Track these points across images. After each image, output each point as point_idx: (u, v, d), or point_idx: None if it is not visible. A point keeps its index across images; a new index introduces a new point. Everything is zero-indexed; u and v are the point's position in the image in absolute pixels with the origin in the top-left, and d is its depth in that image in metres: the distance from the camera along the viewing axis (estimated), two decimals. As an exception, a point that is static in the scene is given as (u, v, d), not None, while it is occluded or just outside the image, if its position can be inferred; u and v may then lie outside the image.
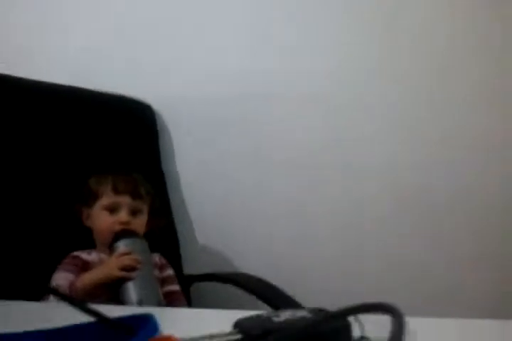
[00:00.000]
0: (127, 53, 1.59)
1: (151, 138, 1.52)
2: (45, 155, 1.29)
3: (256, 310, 0.48)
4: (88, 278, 1.07)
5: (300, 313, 0.45)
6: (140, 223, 1.21)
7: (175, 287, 1.24)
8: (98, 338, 0.41)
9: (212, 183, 1.55)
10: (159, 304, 1.08)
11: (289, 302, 1.14)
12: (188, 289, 1.36)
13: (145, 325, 0.39)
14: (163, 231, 1.35)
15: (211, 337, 0.42)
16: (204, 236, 1.55)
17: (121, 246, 1.13)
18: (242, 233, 1.52)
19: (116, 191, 1.20)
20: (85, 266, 1.14)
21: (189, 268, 1.45)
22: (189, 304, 1.30)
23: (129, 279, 1.07)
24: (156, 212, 1.29)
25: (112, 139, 1.42)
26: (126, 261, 1.08)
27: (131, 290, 1.07)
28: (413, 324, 0.32)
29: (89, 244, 1.21)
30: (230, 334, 0.43)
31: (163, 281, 1.21)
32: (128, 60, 1.58)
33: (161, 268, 1.24)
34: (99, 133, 1.40)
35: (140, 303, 1.05)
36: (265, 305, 1.14)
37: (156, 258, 1.24)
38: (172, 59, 1.57)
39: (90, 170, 1.29)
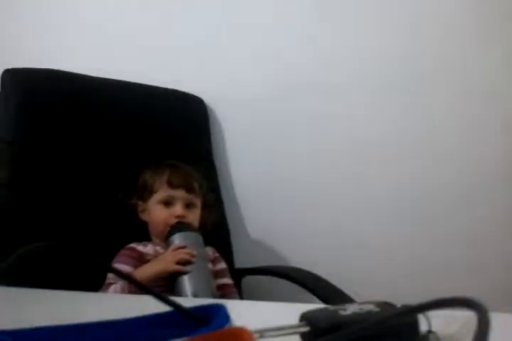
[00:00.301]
0: (188, 53, 1.61)
1: (203, 133, 1.53)
2: (102, 149, 1.32)
3: (310, 304, 0.48)
4: (145, 271, 1.09)
5: (367, 307, 0.45)
6: (194, 216, 1.23)
7: (228, 280, 1.25)
8: (170, 328, 0.42)
9: (263, 177, 1.56)
10: (214, 297, 1.09)
11: (341, 297, 1.13)
12: (240, 282, 1.38)
13: (217, 315, 0.40)
14: (215, 225, 1.36)
15: (280, 328, 0.42)
16: (255, 230, 1.56)
17: (177, 239, 1.14)
18: (292, 227, 1.52)
19: (172, 185, 1.22)
20: (141, 258, 1.16)
21: (240, 262, 1.46)
22: (240, 297, 1.32)
23: (184, 273, 1.09)
24: (209, 205, 1.30)
25: (166, 132, 1.44)
26: (182, 255, 1.10)
27: (187, 283, 1.08)
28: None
29: (145, 237, 1.24)
30: (299, 326, 0.43)
31: (216, 274, 1.23)
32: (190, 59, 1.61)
33: (214, 261, 1.25)
34: (154, 127, 1.43)
35: (195, 296, 1.06)
36: (315, 299, 1.14)
37: (210, 251, 1.25)
38: (228, 57, 1.58)
39: (145, 163, 1.31)
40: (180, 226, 1.18)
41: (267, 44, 1.55)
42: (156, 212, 1.21)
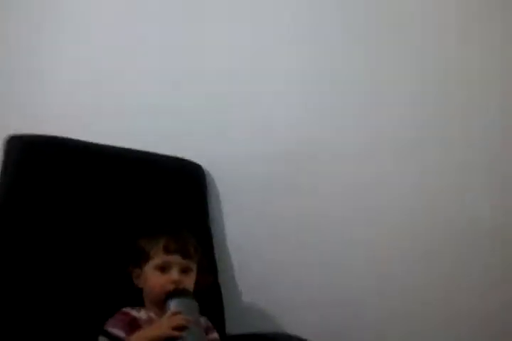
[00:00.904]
0: (181, 117, 1.66)
1: (200, 197, 1.56)
2: (97, 215, 1.34)
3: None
4: (140, 337, 1.09)
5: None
6: (190, 281, 1.23)
7: (219, 351, 1.24)
8: None
9: (258, 243, 1.57)
10: None
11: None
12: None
13: None
14: (208, 290, 1.36)
15: None
16: (248, 295, 1.56)
17: (173, 305, 1.15)
18: (289, 293, 1.53)
19: (168, 251, 1.23)
20: (134, 323, 1.16)
21: (233, 328, 1.45)
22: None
23: (180, 338, 1.09)
24: (204, 270, 1.31)
25: (163, 198, 1.47)
26: (178, 320, 1.10)
27: None
28: None
29: (138, 302, 1.24)
30: None
31: (208, 344, 1.22)
32: (179, 123, 1.66)
33: (207, 331, 1.24)
34: (151, 193, 1.45)
35: None
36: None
37: (202, 320, 1.25)
38: (222, 121, 1.64)
39: (141, 229, 1.33)
40: (176, 292, 1.18)
41: (264, 111, 1.61)
42: (153, 278, 1.21)
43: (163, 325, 1.09)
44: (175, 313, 1.12)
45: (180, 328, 1.08)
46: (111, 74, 1.67)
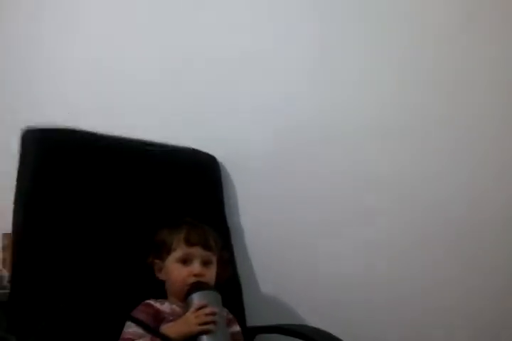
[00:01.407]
0: (194, 109, 1.65)
1: (215, 189, 1.56)
2: (116, 208, 1.33)
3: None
4: (168, 332, 1.08)
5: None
6: (211, 274, 1.23)
7: (240, 343, 1.24)
8: None
9: (275, 235, 1.56)
10: None
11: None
12: (252, 341, 1.36)
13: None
14: (228, 283, 1.35)
15: None
16: (267, 287, 1.55)
17: (196, 298, 1.14)
18: (306, 285, 1.52)
19: (189, 243, 1.22)
20: (157, 315, 1.15)
21: (252, 320, 1.44)
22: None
23: (207, 332, 1.08)
24: (224, 262, 1.31)
25: (180, 190, 1.46)
26: (204, 317, 1.09)
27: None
28: None
29: (161, 294, 1.23)
30: None
31: (231, 337, 1.20)
32: (194, 115, 1.64)
33: (229, 323, 1.24)
34: (167, 185, 1.44)
35: None
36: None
37: (224, 312, 1.24)
38: (235, 112, 1.63)
39: (158, 221, 1.32)
40: (198, 285, 1.17)
41: (278, 100, 1.59)
42: (175, 271, 1.21)
43: (191, 322, 1.09)
44: (200, 307, 1.11)
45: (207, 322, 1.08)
46: (124, 67, 1.66)
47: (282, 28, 1.61)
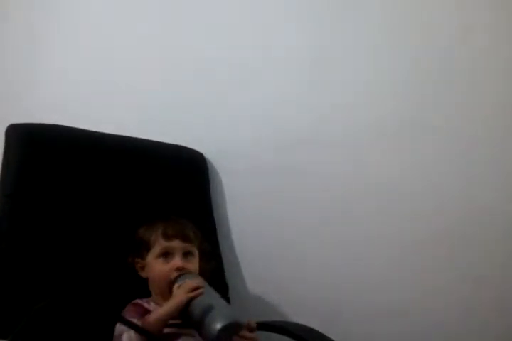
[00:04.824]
0: (182, 105, 1.66)
1: (202, 185, 1.56)
2: (101, 204, 1.32)
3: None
4: (161, 314, 1.08)
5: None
6: (194, 266, 1.22)
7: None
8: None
9: (262, 231, 1.56)
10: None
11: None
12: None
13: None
14: (213, 278, 1.35)
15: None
16: (253, 284, 1.55)
17: (181, 281, 1.14)
18: (293, 282, 1.51)
19: (167, 236, 1.21)
20: (146, 314, 1.13)
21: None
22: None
23: (200, 295, 1.08)
24: (206, 255, 1.30)
25: (168, 187, 1.46)
26: (191, 284, 1.10)
27: (201, 301, 1.07)
28: None
29: (145, 293, 1.22)
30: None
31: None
32: (181, 111, 1.65)
33: None
34: (155, 182, 1.44)
35: (210, 310, 1.05)
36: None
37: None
38: (224, 109, 1.63)
39: (144, 218, 1.31)
40: (182, 274, 1.16)
41: (267, 99, 1.59)
42: (156, 267, 1.20)
43: (178, 293, 1.09)
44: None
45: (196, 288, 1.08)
46: (112, 64, 1.67)
47: (278, 28, 1.61)
